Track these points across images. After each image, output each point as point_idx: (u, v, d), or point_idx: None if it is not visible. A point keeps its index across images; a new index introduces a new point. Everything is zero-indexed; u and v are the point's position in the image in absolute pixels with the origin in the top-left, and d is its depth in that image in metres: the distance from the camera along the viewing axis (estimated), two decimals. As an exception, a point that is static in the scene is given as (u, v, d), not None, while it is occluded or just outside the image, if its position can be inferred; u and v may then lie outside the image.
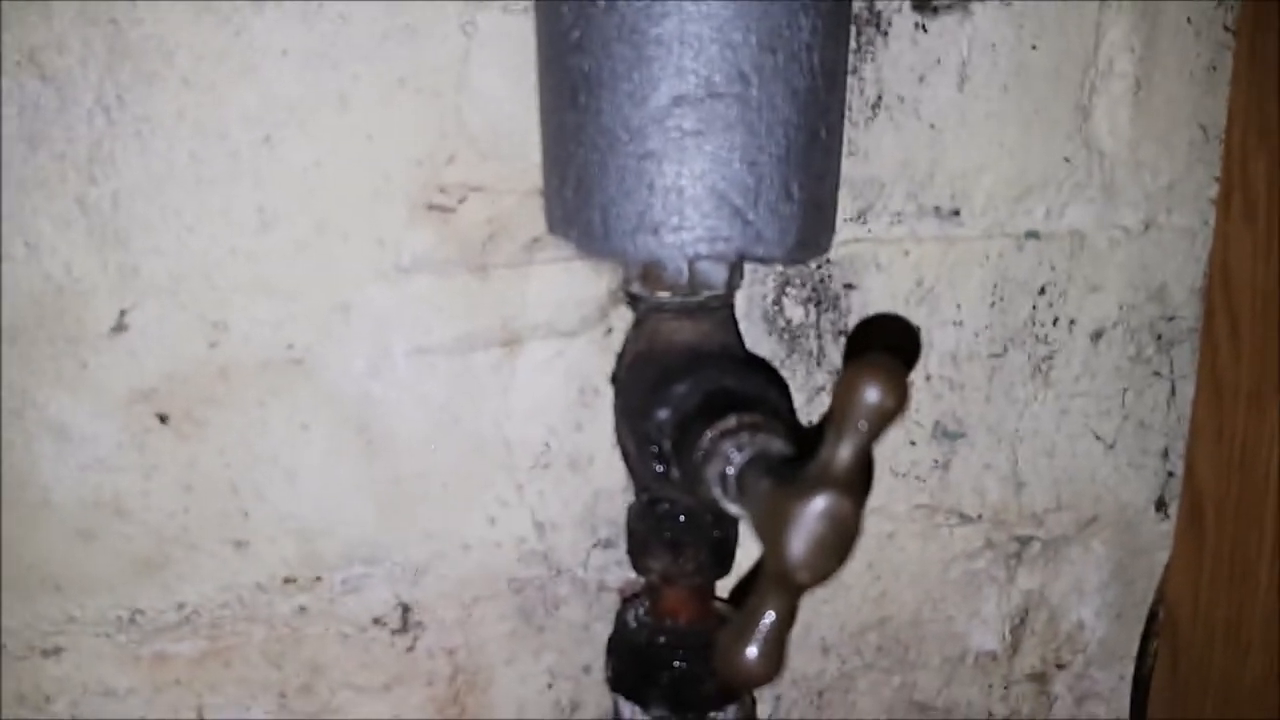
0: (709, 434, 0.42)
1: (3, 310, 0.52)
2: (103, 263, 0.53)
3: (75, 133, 0.50)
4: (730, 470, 0.41)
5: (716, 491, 0.42)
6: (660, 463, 0.46)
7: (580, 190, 0.45)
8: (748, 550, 0.54)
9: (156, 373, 0.54)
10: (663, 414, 0.46)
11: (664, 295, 0.50)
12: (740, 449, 0.41)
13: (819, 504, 0.34)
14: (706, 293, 0.50)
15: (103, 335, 0.54)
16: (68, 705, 0.59)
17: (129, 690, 0.59)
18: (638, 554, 0.55)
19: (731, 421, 0.42)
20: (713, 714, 0.54)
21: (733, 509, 0.43)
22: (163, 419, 0.55)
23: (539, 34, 0.48)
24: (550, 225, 0.51)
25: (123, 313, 0.53)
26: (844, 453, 0.34)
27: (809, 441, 0.43)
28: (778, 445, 0.41)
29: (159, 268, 0.53)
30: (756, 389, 0.46)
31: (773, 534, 0.35)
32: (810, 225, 0.46)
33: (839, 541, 0.35)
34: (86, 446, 0.55)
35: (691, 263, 0.49)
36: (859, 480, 0.35)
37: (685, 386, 0.46)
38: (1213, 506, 0.62)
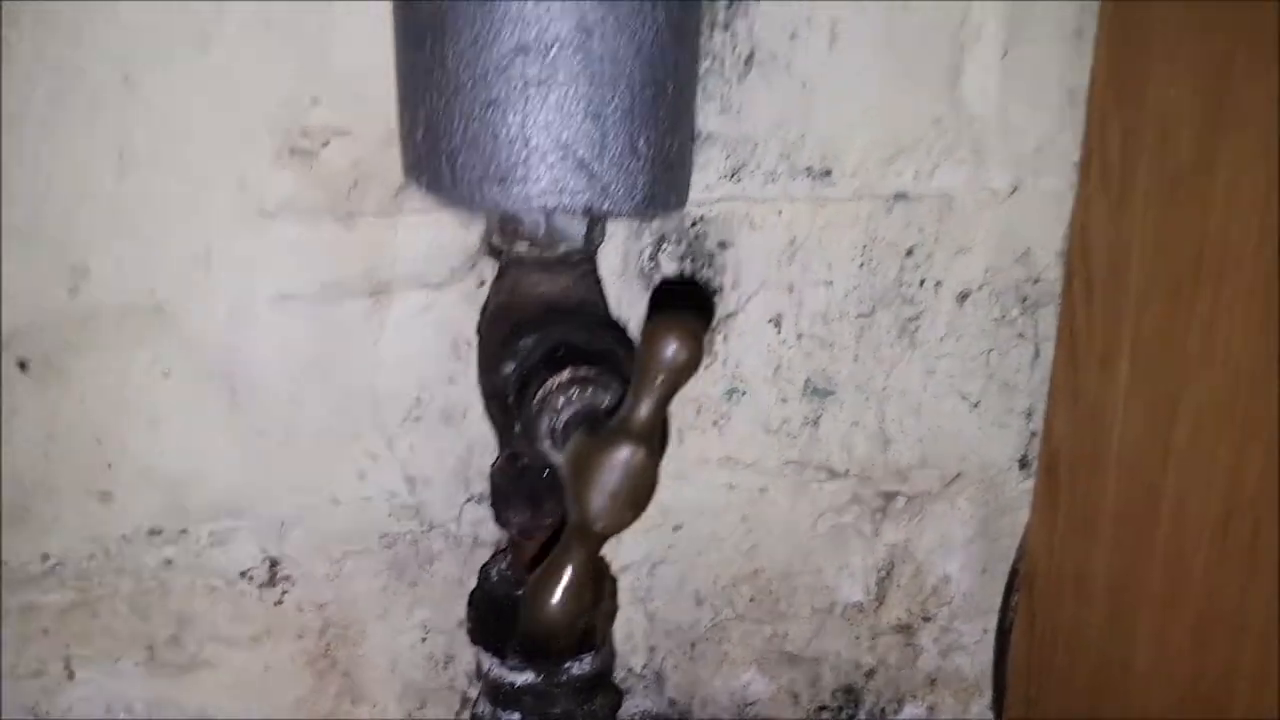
0: (543, 387, 0.42)
1: None
2: (-45, 206, 0.52)
3: (-76, 70, 0.49)
4: (558, 423, 0.41)
5: (545, 445, 0.43)
6: (506, 415, 0.47)
7: (429, 136, 0.45)
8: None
9: (16, 319, 0.54)
10: (509, 367, 0.47)
11: (523, 248, 0.51)
12: (570, 403, 0.41)
13: (616, 456, 0.35)
14: (565, 246, 0.51)
15: (-43, 281, 0.53)
16: (-71, 656, 0.59)
17: (-5, 641, 0.59)
18: (500, 507, 0.55)
19: (565, 375, 0.43)
20: (569, 664, 0.55)
21: (557, 461, 0.43)
22: (23, 365, 0.55)
23: (391, -26, 0.47)
24: (405, 170, 0.51)
25: (-21, 258, 0.53)
26: (642, 409, 0.35)
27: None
28: (608, 400, 0.41)
29: (16, 211, 0.52)
30: (601, 345, 0.46)
31: (574, 485, 0.36)
32: (660, 180, 0.47)
33: (635, 492, 0.36)
34: (-58, 393, 0.54)
35: (548, 215, 0.49)
36: (656, 434, 0.36)
37: (531, 340, 0.46)
38: (1066, 464, 0.64)
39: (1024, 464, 0.70)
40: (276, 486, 0.59)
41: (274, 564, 0.61)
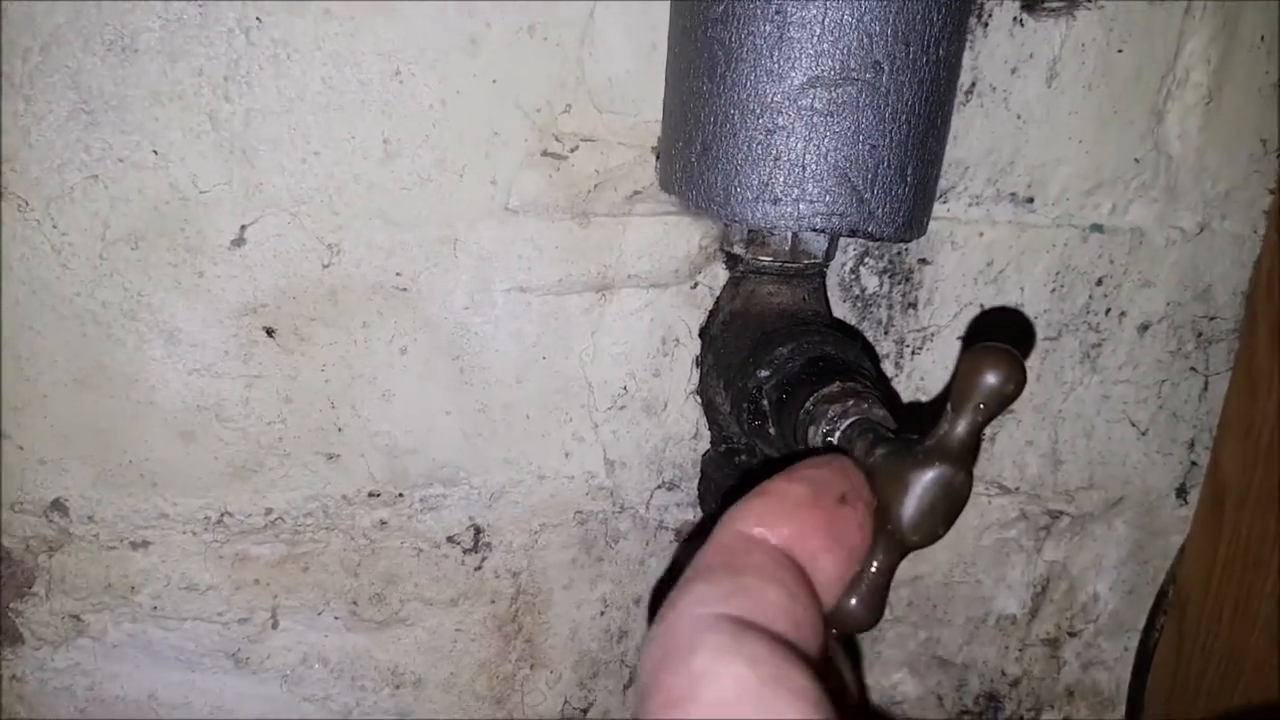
0: (813, 397, 0.45)
1: (126, 215, 0.54)
2: (228, 177, 0.55)
3: (214, 50, 0.52)
4: (834, 434, 0.44)
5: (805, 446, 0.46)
6: (757, 419, 0.50)
7: (706, 156, 0.48)
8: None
9: (269, 288, 0.57)
10: (764, 373, 0.49)
11: (766, 260, 0.54)
12: (844, 415, 0.44)
13: (936, 473, 0.37)
14: (806, 260, 0.53)
15: (222, 247, 0.56)
16: (151, 596, 0.63)
17: (210, 586, 0.63)
18: (710, 499, 0.59)
19: (835, 387, 0.45)
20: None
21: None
22: (269, 332, 0.58)
23: (678, 1, 0.50)
24: (664, 184, 0.54)
25: (243, 227, 0.56)
26: (961, 429, 0.37)
27: (898, 409, 0.46)
28: (878, 412, 0.44)
29: (282, 187, 0.55)
30: (854, 357, 0.49)
31: (889, 496, 0.39)
32: (917, 206, 0.49)
33: (950, 510, 0.38)
34: (195, 352, 0.58)
35: (797, 232, 0.52)
36: (973, 456, 0.38)
37: (787, 349, 0.49)
38: (1234, 496, 0.66)
39: (1180, 492, 0.72)
40: (490, 460, 0.63)
41: (479, 531, 0.64)
